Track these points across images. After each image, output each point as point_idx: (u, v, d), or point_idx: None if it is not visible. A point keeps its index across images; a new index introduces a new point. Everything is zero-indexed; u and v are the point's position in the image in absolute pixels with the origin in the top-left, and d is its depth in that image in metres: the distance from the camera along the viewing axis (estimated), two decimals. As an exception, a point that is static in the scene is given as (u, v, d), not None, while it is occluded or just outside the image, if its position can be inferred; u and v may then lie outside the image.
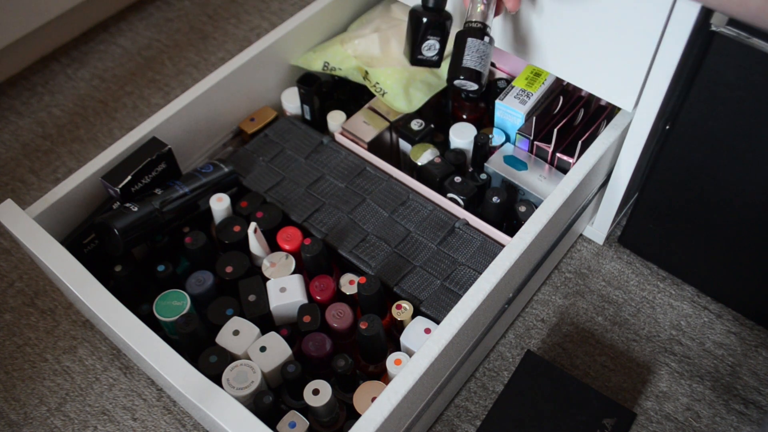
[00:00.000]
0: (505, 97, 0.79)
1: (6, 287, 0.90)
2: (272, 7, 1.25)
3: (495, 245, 0.74)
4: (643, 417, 0.76)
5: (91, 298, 0.64)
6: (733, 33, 0.60)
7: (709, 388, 0.77)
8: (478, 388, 0.79)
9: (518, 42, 0.77)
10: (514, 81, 0.80)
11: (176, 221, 0.75)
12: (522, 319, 0.84)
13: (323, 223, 0.77)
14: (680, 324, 0.82)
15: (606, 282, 0.86)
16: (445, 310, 0.69)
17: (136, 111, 1.10)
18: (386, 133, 0.85)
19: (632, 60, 0.67)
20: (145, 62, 1.17)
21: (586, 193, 0.79)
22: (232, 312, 0.71)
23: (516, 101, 0.78)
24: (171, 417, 0.78)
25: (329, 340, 0.68)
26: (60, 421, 0.78)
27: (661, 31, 0.63)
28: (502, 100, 0.79)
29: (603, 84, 0.72)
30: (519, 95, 0.79)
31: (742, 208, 0.71)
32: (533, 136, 0.78)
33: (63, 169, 1.02)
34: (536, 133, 0.79)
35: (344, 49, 0.87)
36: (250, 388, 0.63)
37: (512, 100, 0.79)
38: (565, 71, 0.75)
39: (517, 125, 0.79)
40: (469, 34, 0.65)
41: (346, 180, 0.81)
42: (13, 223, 0.69)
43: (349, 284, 0.74)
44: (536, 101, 0.79)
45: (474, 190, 0.78)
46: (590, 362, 0.80)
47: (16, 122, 1.09)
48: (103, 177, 0.74)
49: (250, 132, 0.88)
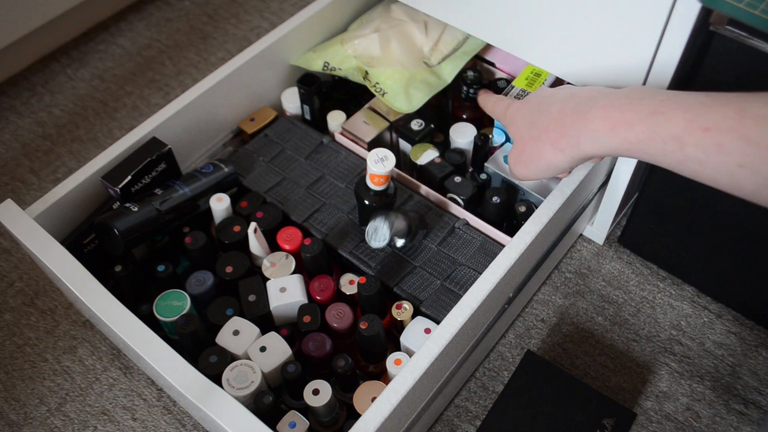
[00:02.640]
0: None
1: (6, 287, 0.90)
2: (272, 7, 1.25)
3: (495, 245, 0.74)
4: (643, 417, 0.76)
5: (91, 298, 0.64)
6: (733, 33, 0.60)
7: (709, 388, 0.77)
8: (478, 388, 0.79)
9: (518, 42, 0.77)
10: (515, 81, 0.80)
11: (176, 221, 0.75)
12: (522, 319, 0.84)
13: (323, 223, 0.77)
14: (680, 324, 0.82)
15: (606, 282, 0.86)
16: (445, 310, 0.69)
17: (136, 111, 1.10)
18: (386, 133, 0.85)
19: (632, 60, 0.67)
20: (145, 62, 1.17)
21: (586, 193, 0.79)
22: (232, 312, 0.71)
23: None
24: (171, 417, 0.78)
25: (329, 340, 0.68)
26: (60, 421, 0.78)
27: (661, 30, 0.63)
28: None
29: (603, 83, 0.72)
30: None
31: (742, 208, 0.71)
32: None
33: (63, 169, 1.02)
34: None
35: (344, 49, 0.87)
36: (250, 388, 0.63)
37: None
38: (566, 71, 0.75)
39: None
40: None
41: (346, 180, 0.81)
42: (13, 223, 0.69)
43: (349, 284, 0.74)
44: None
45: (474, 190, 0.78)
46: (590, 362, 0.80)
47: (16, 122, 1.09)
48: (103, 177, 0.74)
49: (250, 132, 0.88)
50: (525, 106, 0.65)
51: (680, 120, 0.49)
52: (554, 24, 0.71)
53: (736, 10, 0.57)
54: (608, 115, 0.54)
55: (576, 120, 0.57)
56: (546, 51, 0.75)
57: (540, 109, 0.62)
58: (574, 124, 0.57)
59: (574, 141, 0.58)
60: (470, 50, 0.88)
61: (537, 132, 0.62)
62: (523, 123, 0.64)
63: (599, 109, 0.55)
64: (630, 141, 0.53)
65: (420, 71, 0.85)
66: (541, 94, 0.64)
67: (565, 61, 0.74)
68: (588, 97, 0.58)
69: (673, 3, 0.61)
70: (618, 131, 0.53)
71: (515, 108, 0.67)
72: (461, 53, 0.87)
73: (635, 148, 0.53)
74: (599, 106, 0.55)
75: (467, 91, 0.85)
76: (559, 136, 0.59)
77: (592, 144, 0.56)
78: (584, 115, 0.56)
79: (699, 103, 0.49)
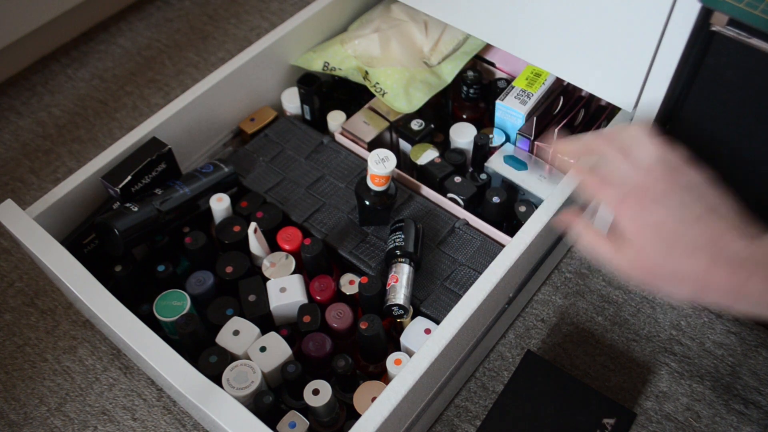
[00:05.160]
0: (506, 97, 0.79)
1: (6, 287, 0.90)
2: (272, 7, 1.25)
3: (495, 245, 0.74)
4: (643, 417, 0.76)
5: (91, 298, 0.64)
6: (733, 33, 0.60)
7: (709, 388, 0.77)
8: (478, 388, 0.79)
9: (518, 42, 0.77)
10: (515, 81, 0.80)
11: (176, 221, 0.75)
12: (522, 319, 0.84)
13: (323, 223, 0.77)
14: (680, 324, 0.82)
15: (606, 282, 0.86)
16: (445, 310, 0.69)
17: (136, 111, 1.10)
18: (386, 133, 0.85)
19: (632, 60, 0.67)
20: (145, 62, 1.17)
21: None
22: (232, 312, 0.71)
23: (516, 101, 0.78)
24: (171, 417, 0.78)
25: (329, 340, 0.68)
26: (60, 421, 0.78)
27: (661, 30, 0.63)
28: (503, 101, 0.79)
29: (603, 84, 0.72)
30: (519, 95, 0.79)
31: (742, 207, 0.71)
32: (534, 137, 0.78)
33: (63, 169, 1.02)
34: (537, 133, 0.79)
35: (344, 49, 0.87)
36: (250, 388, 0.63)
37: (512, 100, 0.79)
38: (566, 71, 0.75)
39: (518, 125, 0.79)
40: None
41: (346, 180, 0.81)
42: (13, 223, 0.69)
43: (349, 284, 0.74)
44: (536, 101, 0.79)
45: (474, 190, 0.78)
46: (590, 362, 0.80)
47: (16, 122, 1.09)
48: (103, 177, 0.74)
49: (250, 132, 0.88)
50: (653, 220, 0.54)
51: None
52: (554, 24, 0.71)
53: (736, 10, 0.57)
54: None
55: (730, 281, 0.51)
56: (546, 51, 0.75)
57: (677, 235, 0.53)
58: (727, 284, 0.51)
59: (724, 298, 0.52)
60: (470, 50, 0.88)
61: (674, 266, 0.53)
62: (654, 243, 0.53)
63: (762, 281, 0.50)
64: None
65: (420, 71, 0.85)
66: (670, 206, 0.54)
67: (565, 61, 0.74)
68: (740, 255, 0.51)
69: (673, 3, 0.61)
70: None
71: (638, 213, 0.55)
72: (461, 53, 0.87)
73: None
74: (760, 276, 0.50)
75: (467, 91, 0.85)
76: (704, 287, 0.52)
77: (749, 307, 0.51)
78: (743, 283, 0.50)
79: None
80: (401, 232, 0.72)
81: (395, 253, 0.70)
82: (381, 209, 0.73)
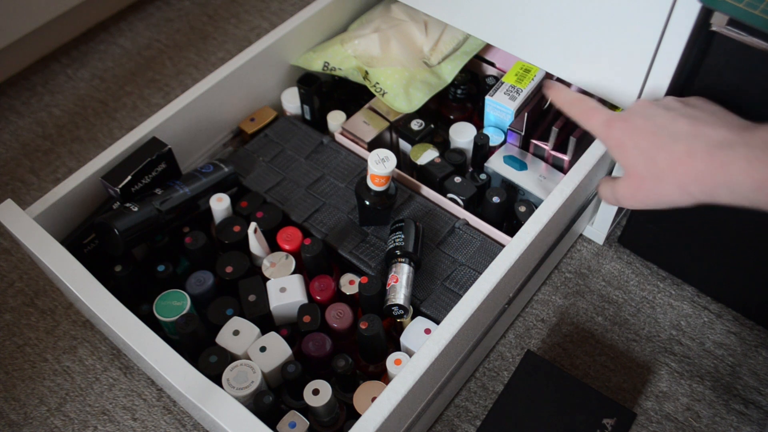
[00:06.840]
0: (495, 93, 0.79)
1: (6, 287, 0.90)
2: (272, 7, 1.25)
3: (495, 245, 0.74)
4: (643, 417, 0.76)
5: (91, 298, 0.64)
6: (733, 33, 0.60)
7: (709, 388, 0.77)
8: (478, 388, 0.79)
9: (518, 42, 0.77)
10: (504, 77, 0.80)
11: (176, 221, 0.76)
12: (522, 319, 0.84)
13: (323, 223, 0.77)
14: (680, 324, 0.82)
15: (606, 282, 0.86)
16: (445, 310, 0.69)
17: (136, 111, 1.10)
18: (386, 133, 0.85)
19: (632, 60, 0.67)
20: (145, 62, 1.17)
21: (586, 193, 0.79)
22: (232, 312, 0.71)
23: (506, 97, 0.79)
24: (171, 417, 0.78)
25: (329, 340, 0.68)
26: (60, 421, 0.78)
27: (661, 30, 0.63)
28: (492, 96, 0.79)
29: (603, 83, 0.72)
30: (509, 91, 0.79)
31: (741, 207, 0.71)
32: (524, 132, 0.78)
33: (63, 169, 1.02)
34: (528, 129, 0.79)
35: (344, 49, 0.87)
36: (250, 388, 0.63)
37: (502, 96, 0.79)
38: (566, 71, 0.75)
39: (507, 121, 0.79)
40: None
41: (346, 180, 0.81)
42: (13, 223, 0.69)
43: (349, 284, 0.74)
44: (526, 97, 0.79)
45: (474, 190, 0.78)
46: (590, 362, 0.80)
47: (16, 122, 1.09)
48: (103, 177, 0.74)
49: (250, 132, 0.88)
50: (636, 132, 0.58)
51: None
52: (554, 24, 0.71)
53: (736, 10, 0.57)
54: (753, 170, 0.50)
55: (711, 168, 0.52)
56: (546, 51, 0.75)
57: (659, 142, 0.56)
58: (708, 172, 0.53)
59: (708, 189, 0.53)
60: (470, 50, 0.88)
61: (658, 171, 0.56)
62: (638, 156, 0.58)
63: (742, 162, 0.51)
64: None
65: (420, 71, 0.85)
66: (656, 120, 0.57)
67: (565, 61, 0.74)
68: (722, 140, 0.53)
69: (673, 3, 0.61)
70: (765, 189, 0.50)
71: (621, 130, 0.59)
72: (461, 53, 0.87)
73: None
74: (741, 156, 0.51)
75: (454, 91, 0.85)
76: (688, 181, 0.54)
77: (731, 196, 0.52)
78: (723, 166, 0.52)
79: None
80: (401, 232, 0.72)
81: (395, 253, 0.70)
82: (381, 209, 0.73)
